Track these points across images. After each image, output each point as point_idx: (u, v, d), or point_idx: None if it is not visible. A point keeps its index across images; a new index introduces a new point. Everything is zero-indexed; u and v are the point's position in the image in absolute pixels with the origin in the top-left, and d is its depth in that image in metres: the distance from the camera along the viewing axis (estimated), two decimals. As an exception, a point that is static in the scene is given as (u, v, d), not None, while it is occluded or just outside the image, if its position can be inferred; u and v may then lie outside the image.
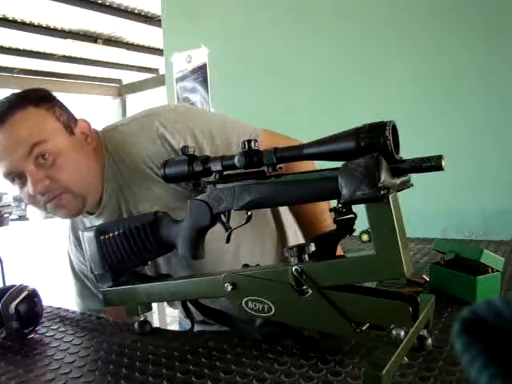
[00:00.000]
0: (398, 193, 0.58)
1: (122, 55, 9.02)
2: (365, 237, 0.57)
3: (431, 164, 0.54)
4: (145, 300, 0.83)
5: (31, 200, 0.89)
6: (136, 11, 6.77)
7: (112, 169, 0.94)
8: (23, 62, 9.01)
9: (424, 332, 0.65)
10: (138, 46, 8.57)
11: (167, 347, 0.77)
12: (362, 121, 0.59)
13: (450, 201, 1.95)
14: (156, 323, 2.06)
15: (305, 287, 0.63)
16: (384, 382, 0.52)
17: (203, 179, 0.75)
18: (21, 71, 9.50)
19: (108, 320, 0.96)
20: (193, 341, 0.79)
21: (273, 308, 0.67)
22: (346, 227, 0.61)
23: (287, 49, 2.37)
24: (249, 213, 0.72)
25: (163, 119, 0.92)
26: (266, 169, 0.66)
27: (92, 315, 0.99)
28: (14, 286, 0.87)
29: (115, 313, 1.03)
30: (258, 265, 0.75)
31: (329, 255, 0.64)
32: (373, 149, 0.55)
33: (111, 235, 0.84)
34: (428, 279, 1.02)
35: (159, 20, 3.25)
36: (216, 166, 0.71)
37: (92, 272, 0.86)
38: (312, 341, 0.70)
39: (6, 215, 11.56)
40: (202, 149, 0.90)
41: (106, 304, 0.88)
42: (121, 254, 0.83)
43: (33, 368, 0.74)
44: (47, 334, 0.89)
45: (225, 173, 0.72)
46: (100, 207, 0.95)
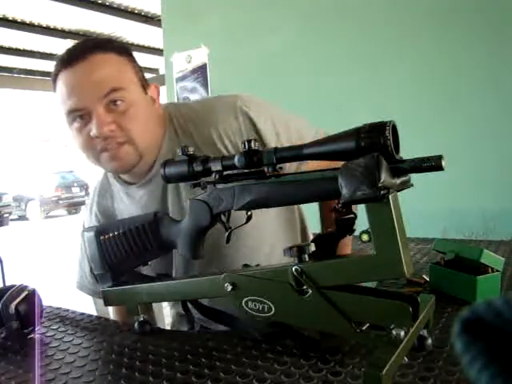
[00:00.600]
0: (398, 193, 0.58)
1: (122, 55, 9.01)
2: (365, 237, 0.57)
3: (431, 164, 0.54)
4: (145, 300, 0.83)
5: (87, 143, 0.87)
6: (136, 11, 6.77)
7: (171, 142, 0.93)
8: (23, 62, 9.01)
9: (424, 332, 0.65)
10: (138, 46, 8.57)
11: (167, 347, 0.78)
12: (362, 121, 0.59)
13: (450, 201, 1.95)
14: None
15: (305, 287, 0.63)
16: (384, 382, 0.52)
17: (203, 179, 0.75)
18: (21, 71, 9.49)
19: (108, 320, 0.96)
20: (193, 341, 0.79)
21: (273, 308, 0.67)
22: (346, 227, 0.61)
23: (287, 49, 2.37)
24: (249, 213, 0.72)
25: (245, 100, 0.94)
26: (266, 169, 0.66)
27: (92, 315, 0.99)
28: (14, 286, 0.87)
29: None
30: (258, 265, 0.75)
31: (329, 255, 0.65)
32: (373, 149, 0.55)
33: (111, 235, 0.84)
34: (428, 279, 1.01)
35: (159, 20, 3.25)
36: (216, 166, 0.71)
37: (92, 272, 0.86)
38: (312, 341, 0.70)
39: (6, 215, 11.55)
40: (279, 136, 0.93)
41: (106, 304, 0.88)
42: (121, 254, 0.83)
43: (33, 368, 0.74)
44: (47, 334, 0.89)
45: (225, 173, 0.72)
46: (147, 177, 0.94)
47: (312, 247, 0.64)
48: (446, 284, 0.94)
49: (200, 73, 2.70)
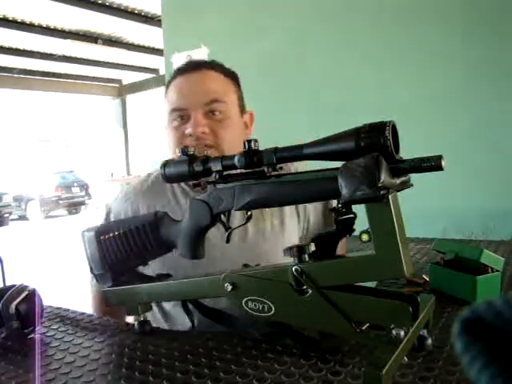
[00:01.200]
0: (398, 193, 0.58)
1: (122, 55, 9.02)
2: (365, 237, 0.57)
3: (431, 164, 0.54)
4: (145, 300, 0.83)
5: (180, 140, 0.99)
6: (136, 11, 6.77)
7: None
8: (23, 62, 9.01)
9: (424, 332, 0.65)
10: (138, 46, 8.57)
11: (167, 347, 0.77)
12: (362, 121, 0.59)
13: (450, 201, 1.95)
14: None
15: (305, 287, 0.63)
16: (384, 382, 0.52)
17: (203, 179, 0.75)
18: (21, 71, 9.50)
19: (108, 320, 0.96)
20: (193, 341, 0.79)
21: (273, 308, 0.67)
22: (346, 227, 0.61)
23: (287, 48, 2.37)
24: (249, 213, 0.72)
25: None
26: (266, 169, 0.66)
27: (92, 315, 0.99)
28: (14, 286, 0.87)
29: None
30: (258, 265, 0.75)
31: (329, 255, 0.65)
32: (373, 149, 0.55)
33: (111, 235, 0.84)
34: (428, 279, 1.02)
35: (159, 20, 3.25)
36: (216, 166, 0.71)
37: (92, 272, 0.87)
38: (312, 341, 0.70)
39: (6, 215, 11.54)
40: None
41: (106, 304, 0.88)
42: (121, 254, 0.83)
43: (33, 368, 0.74)
44: (47, 334, 0.89)
45: (225, 173, 0.72)
46: None
47: (312, 247, 0.64)
48: (446, 284, 0.94)
49: (200, 73, 2.70)
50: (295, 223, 1.09)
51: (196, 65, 1.03)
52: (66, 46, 7.98)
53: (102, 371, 0.71)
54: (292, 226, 1.08)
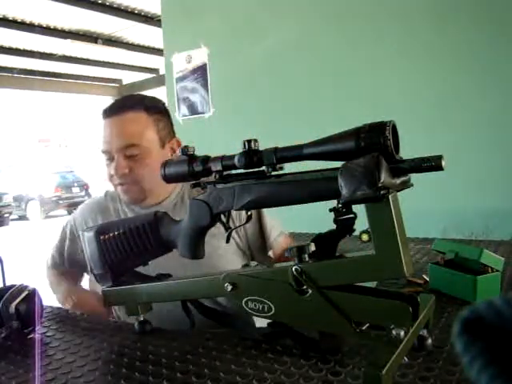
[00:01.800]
0: (398, 193, 0.58)
1: (122, 55, 9.01)
2: (365, 237, 0.57)
3: (431, 164, 0.54)
4: (145, 300, 0.83)
5: (109, 177, 1.12)
6: (136, 11, 6.76)
7: (179, 194, 1.16)
8: (23, 62, 9.00)
9: (424, 332, 0.65)
10: (138, 46, 8.56)
11: (167, 347, 0.77)
12: (362, 121, 0.59)
13: (450, 201, 1.95)
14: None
15: (305, 287, 0.63)
16: (384, 382, 0.52)
17: (203, 179, 0.75)
18: (21, 71, 9.48)
19: (108, 320, 0.96)
20: (193, 341, 0.79)
21: (273, 308, 0.67)
22: (346, 227, 0.61)
23: (287, 48, 2.37)
24: (249, 213, 0.72)
25: None
26: (266, 169, 0.66)
27: (92, 315, 0.99)
28: (14, 286, 0.87)
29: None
30: (258, 264, 0.75)
31: (329, 255, 0.64)
32: (373, 149, 0.55)
33: (111, 235, 0.84)
34: (428, 279, 1.01)
35: (159, 20, 3.25)
36: (216, 166, 0.71)
37: (92, 272, 0.86)
38: (312, 341, 0.70)
39: (6, 215, 11.54)
40: None
41: (106, 304, 0.88)
42: (121, 254, 0.83)
43: (33, 368, 0.74)
44: (47, 334, 0.89)
45: (225, 173, 0.72)
46: (154, 206, 1.12)
47: (312, 247, 0.64)
48: (446, 284, 0.94)
49: (200, 73, 2.70)
50: (237, 238, 1.14)
51: (117, 108, 1.11)
52: (66, 46, 7.97)
53: (102, 371, 0.71)
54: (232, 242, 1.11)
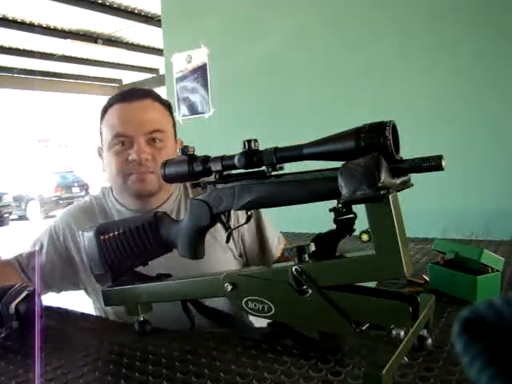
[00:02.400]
0: (398, 193, 0.58)
1: (122, 55, 9.01)
2: (365, 237, 0.57)
3: (431, 164, 0.54)
4: (145, 300, 0.83)
5: (122, 165, 1.05)
6: (136, 11, 6.76)
7: (177, 199, 1.14)
8: (23, 62, 9.00)
9: (424, 332, 0.65)
10: (138, 46, 8.56)
11: (167, 347, 0.77)
12: (362, 121, 0.59)
13: (450, 201, 1.95)
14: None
15: (305, 287, 0.63)
16: (384, 382, 0.52)
17: (203, 179, 0.75)
18: (21, 71, 9.48)
19: (108, 320, 0.96)
20: (193, 341, 0.79)
21: (273, 308, 0.67)
22: (346, 227, 0.61)
23: (287, 48, 2.37)
24: (249, 213, 0.72)
25: None
26: (266, 169, 0.66)
27: (92, 315, 0.99)
28: (14, 286, 0.87)
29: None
30: (259, 265, 0.75)
31: (329, 255, 0.64)
32: (373, 149, 0.55)
33: (111, 235, 0.84)
34: (428, 279, 1.01)
35: (159, 20, 3.25)
36: (216, 166, 0.71)
37: (92, 272, 0.86)
38: (312, 341, 0.70)
39: (6, 215, 11.54)
40: None
41: (106, 304, 0.88)
42: (121, 254, 0.83)
43: (33, 368, 0.74)
44: (47, 334, 0.89)
45: (225, 173, 0.72)
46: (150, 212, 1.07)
47: (312, 247, 0.64)
48: (446, 284, 0.94)
49: (200, 73, 2.70)
50: (231, 242, 1.11)
51: (138, 93, 1.09)
52: (66, 46, 7.97)
53: (102, 371, 0.71)
54: (224, 244, 1.08)
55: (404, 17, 2.03)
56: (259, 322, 0.80)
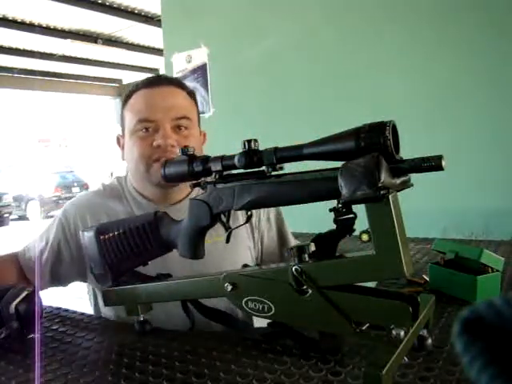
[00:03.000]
0: (398, 193, 0.58)
1: (122, 55, 9.02)
2: (365, 237, 0.57)
3: (431, 164, 0.54)
4: (145, 300, 0.83)
5: (146, 151, 1.00)
6: (136, 11, 6.77)
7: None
8: (23, 62, 9.00)
9: (424, 332, 0.65)
10: (138, 46, 8.57)
11: (167, 347, 0.77)
12: (362, 121, 0.59)
13: (450, 201, 1.95)
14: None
15: (305, 287, 0.63)
16: (384, 382, 0.52)
17: (203, 179, 0.75)
18: (21, 71, 9.49)
19: (108, 320, 0.96)
20: (193, 341, 0.79)
21: (273, 308, 0.67)
22: (346, 227, 0.61)
23: (287, 49, 2.37)
24: (249, 213, 0.72)
25: None
26: (266, 169, 0.66)
27: (92, 315, 0.99)
28: (14, 286, 0.87)
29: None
30: (258, 264, 0.75)
31: (329, 255, 0.64)
32: (373, 149, 0.55)
33: (111, 235, 0.84)
34: (428, 279, 1.01)
35: (159, 20, 3.25)
36: (216, 166, 0.71)
37: (92, 272, 0.86)
38: (312, 341, 0.70)
39: (6, 215, 11.54)
40: None
41: (106, 304, 0.88)
42: (121, 254, 0.83)
43: (33, 368, 0.74)
44: (47, 334, 0.89)
45: (225, 173, 0.72)
46: (170, 206, 1.04)
47: (312, 247, 0.64)
48: (446, 284, 0.94)
49: (200, 73, 2.70)
50: (250, 242, 1.09)
51: (165, 80, 1.08)
52: (66, 46, 7.98)
53: (102, 371, 0.71)
54: (244, 244, 1.08)
55: (404, 17, 2.03)
56: (259, 322, 0.80)
